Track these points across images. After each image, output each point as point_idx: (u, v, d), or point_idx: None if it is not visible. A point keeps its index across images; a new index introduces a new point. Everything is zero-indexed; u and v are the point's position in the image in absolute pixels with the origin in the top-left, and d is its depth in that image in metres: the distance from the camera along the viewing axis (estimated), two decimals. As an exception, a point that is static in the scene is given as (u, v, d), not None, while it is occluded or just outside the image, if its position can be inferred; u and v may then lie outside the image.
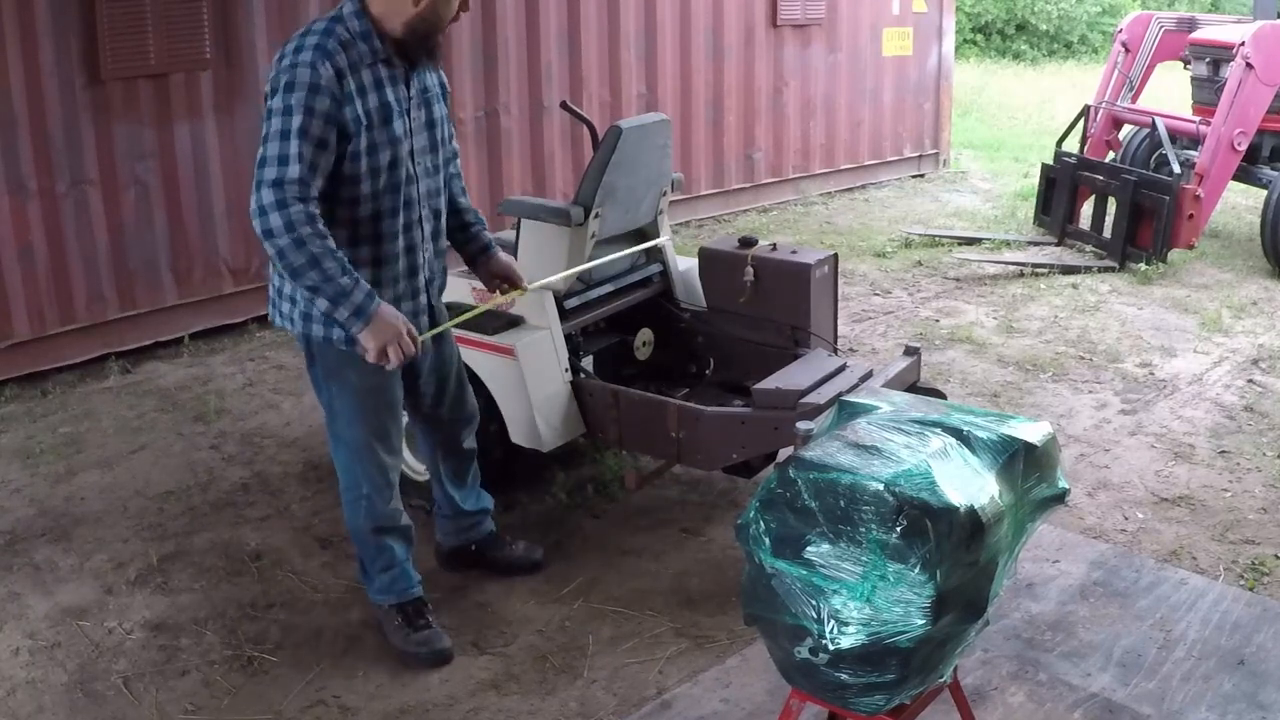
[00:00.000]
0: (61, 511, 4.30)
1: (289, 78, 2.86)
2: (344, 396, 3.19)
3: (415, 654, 3.35)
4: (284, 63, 2.90)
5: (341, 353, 3.11)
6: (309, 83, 2.84)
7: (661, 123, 4.24)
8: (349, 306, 2.90)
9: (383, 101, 2.99)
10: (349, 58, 2.92)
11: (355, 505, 3.32)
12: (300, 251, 2.84)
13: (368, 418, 3.21)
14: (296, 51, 2.90)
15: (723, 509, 4.24)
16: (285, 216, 2.82)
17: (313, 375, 3.26)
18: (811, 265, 4.19)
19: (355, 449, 3.26)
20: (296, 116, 2.84)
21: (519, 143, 7.48)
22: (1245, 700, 3.11)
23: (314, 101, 2.84)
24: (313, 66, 2.85)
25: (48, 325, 5.57)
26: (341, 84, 2.89)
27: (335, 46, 2.90)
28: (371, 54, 2.97)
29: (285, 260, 2.86)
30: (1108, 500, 4.30)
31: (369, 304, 2.93)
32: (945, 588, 2.13)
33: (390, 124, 3.00)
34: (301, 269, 2.86)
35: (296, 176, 2.83)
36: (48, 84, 5.40)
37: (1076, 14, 21.49)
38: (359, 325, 2.93)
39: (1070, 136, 8.33)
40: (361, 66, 2.95)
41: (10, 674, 3.33)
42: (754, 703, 3.12)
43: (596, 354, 4.33)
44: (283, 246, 2.84)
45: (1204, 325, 6.25)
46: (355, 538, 3.41)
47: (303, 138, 2.84)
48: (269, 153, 2.85)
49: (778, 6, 8.92)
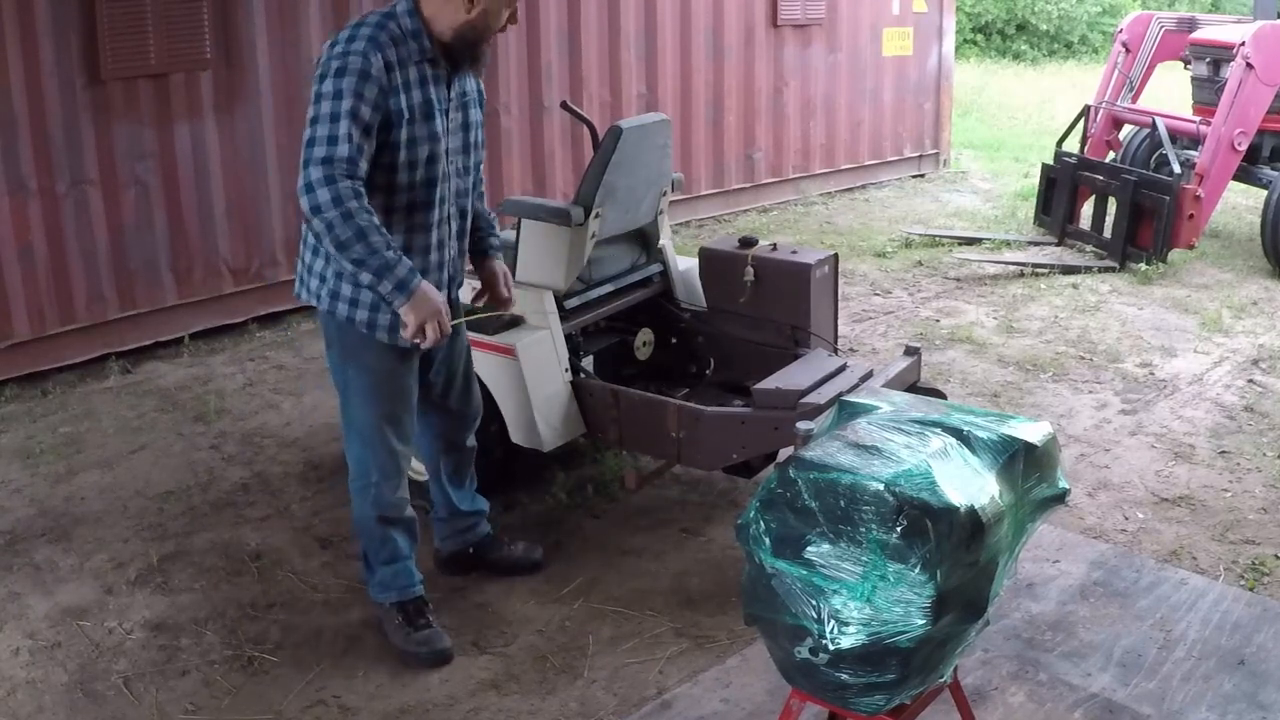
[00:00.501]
0: (61, 511, 4.30)
1: (340, 64, 2.94)
2: (360, 379, 3.25)
3: (415, 654, 3.36)
4: (336, 49, 2.98)
5: (362, 335, 3.18)
6: (360, 69, 2.93)
7: (661, 123, 4.24)
8: (393, 280, 2.95)
9: (425, 99, 3.08)
10: (398, 53, 3.01)
11: (364, 493, 3.35)
12: (348, 225, 2.89)
13: (381, 402, 3.27)
14: (349, 40, 2.99)
15: (723, 509, 4.24)
16: (334, 191, 2.88)
17: (330, 358, 3.33)
18: (812, 265, 4.19)
19: (367, 434, 3.30)
20: (347, 100, 2.91)
21: (519, 143, 7.48)
22: (1245, 700, 3.11)
23: (364, 88, 2.92)
24: (365, 55, 2.94)
25: (48, 325, 5.56)
26: (390, 76, 2.97)
27: (387, 40, 2.99)
28: (419, 52, 3.06)
29: (333, 233, 2.91)
30: (1108, 500, 4.30)
31: (412, 279, 2.98)
32: (945, 588, 2.13)
33: (431, 120, 3.09)
34: (348, 242, 2.91)
35: (345, 155, 2.90)
36: (48, 84, 5.40)
37: (1076, 14, 21.49)
38: (402, 299, 2.98)
39: (1070, 136, 8.33)
40: (409, 63, 3.04)
41: (10, 674, 3.33)
42: (754, 703, 3.12)
43: (596, 354, 4.33)
44: (331, 219, 2.89)
45: (1204, 325, 6.25)
46: (360, 528, 3.43)
47: (352, 120, 2.91)
48: (318, 133, 2.92)
49: (778, 6, 8.92)
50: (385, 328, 3.15)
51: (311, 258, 3.21)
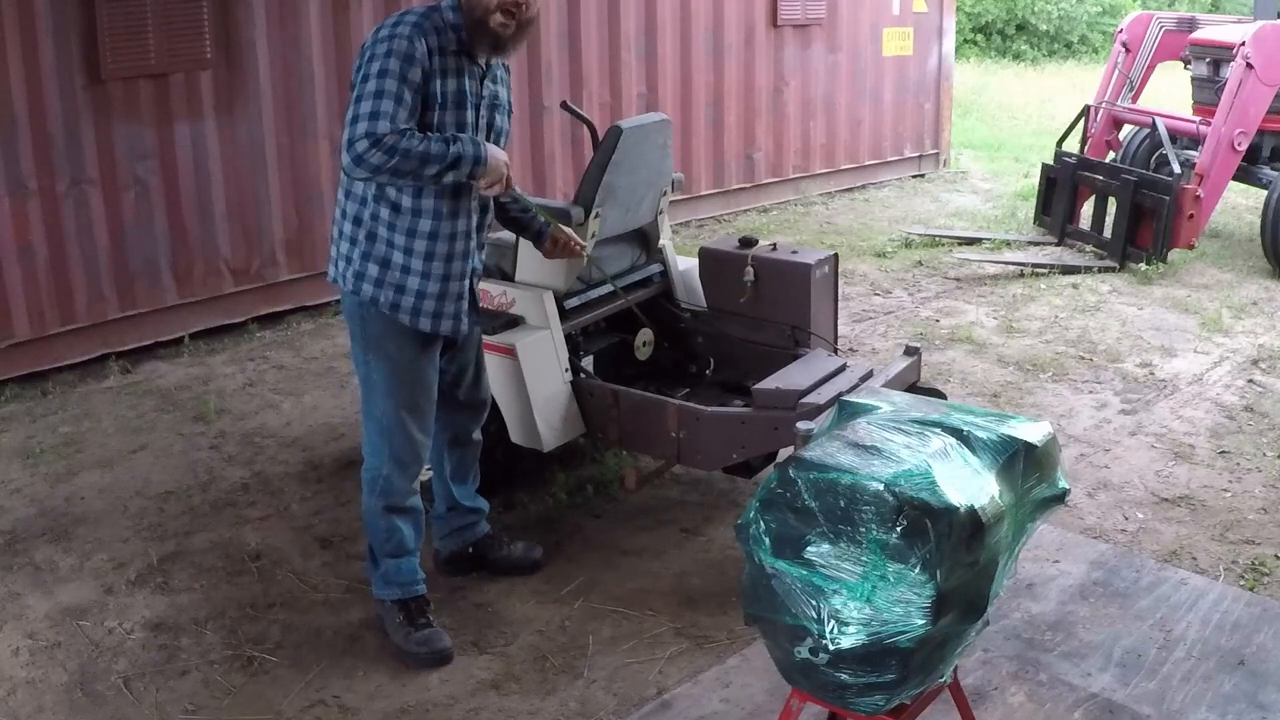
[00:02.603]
0: (61, 511, 4.30)
1: (388, 46, 3.08)
2: (381, 368, 3.32)
3: (416, 653, 3.36)
4: (382, 33, 3.12)
5: (385, 320, 3.26)
6: (405, 52, 3.07)
7: (661, 123, 4.24)
8: (468, 163, 3.11)
9: (459, 89, 3.19)
10: (440, 40, 3.16)
11: (373, 484, 3.39)
12: (409, 159, 3.01)
13: (402, 391, 3.33)
14: (395, 25, 3.12)
15: (723, 509, 4.24)
16: (380, 147, 2.99)
17: (353, 349, 3.41)
18: (812, 265, 4.19)
19: (386, 424, 3.34)
20: (391, 80, 3.05)
21: (519, 143, 7.48)
22: (1245, 700, 3.11)
23: (408, 70, 3.06)
24: (410, 39, 3.08)
25: (48, 325, 5.57)
26: (431, 61, 3.12)
27: (430, 27, 3.15)
28: (458, 43, 3.19)
29: (402, 174, 3.04)
30: (1108, 500, 4.30)
31: (480, 150, 3.13)
32: (945, 588, 2.13)
33: (462, 109, 3.21)
34: (419, 168, 3.04)
35: (388, 129, 3.01)
36: (48, 84, 5.40)
37: (1076, 14, 21.49)
38: (480, 169, 3.14)
39: (1070, 136, 8.33)
40: (448, 52, 3.17)
41: (10, 674, 3.33)
42: (754, 703, 3.12)
43: (596, 354, 4.33)
44: (394, 166, 3.01)
45: (1204, 325, 6.25)
46: (367, 520, 3.45)
47: (396, 99, 3.04)
48: (362, 110, 3.02)
49: (778, 6, 8.91)
50: (409, 311, 3.24)
51: (339, 238, 3.32)
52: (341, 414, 5.11)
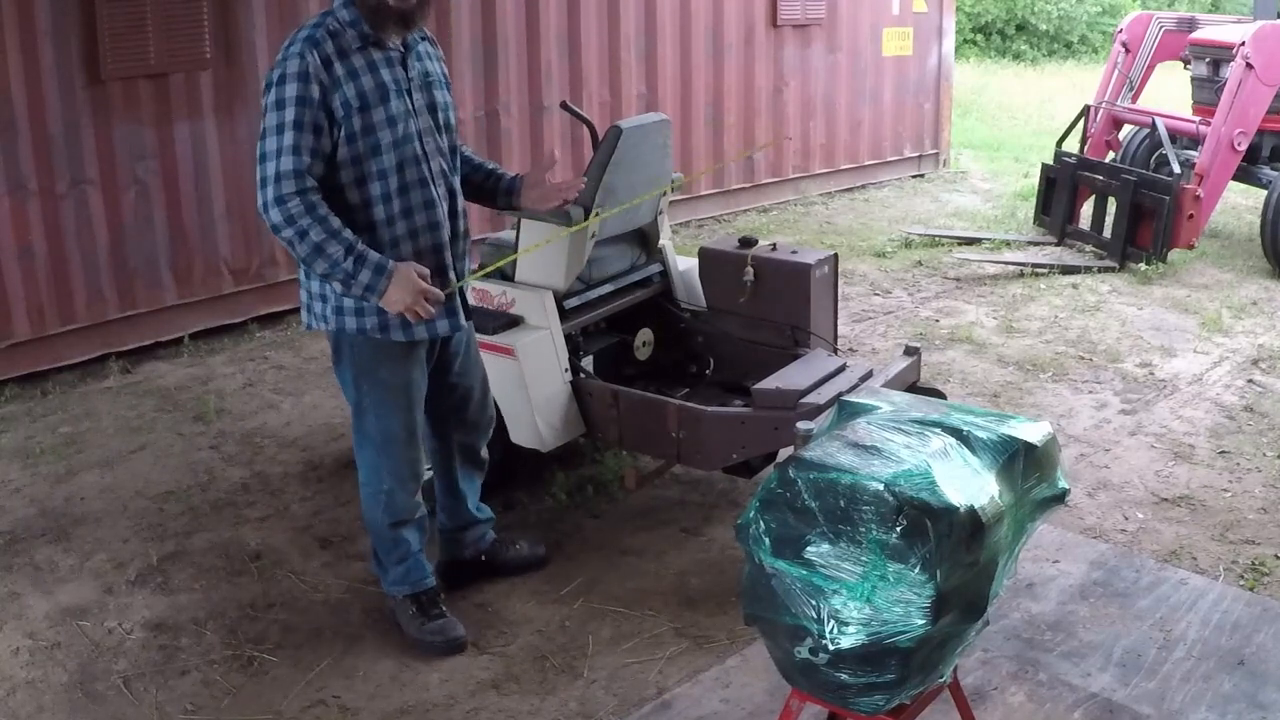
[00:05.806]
0: (61, 511, 4.30)
1: (280, 71, 3.03)
2: (375, 393, 3.27)
3: (430, 643, 3.38)
4: (277, 58, 3.07)
5: (376, 345, 3.20)
6: (297, 72, 3.00)
7: (661, 123, 4.24)
8: (359, 287, 3.03)
9: (378, 83, 3.10)
10: (337, 45, 3.06)
11: (374, 499, 3.36)
12: (305, 243, 2.98)
13: (399, 414, 3.29)
14: (287, 47, 3.06)
15: (723, 509, 4.24)
16: (284, 212, 2.97)
17: (340, 374, 3.34)
18: (811, 265, 4.19)
19: (382, 445, 3.31)
20: (288, 109, 2.99)
21: (519, 143, 7.48)
22: (1245, 700, 3.12)
23: (303, 90, 2.99)
24: (300, 56, 3.01)
25: (48, 325, 5.57)
26: (329, 70, 3.03)
27: (323, 35, 3.05)
28: (360, 39, 3.09)
29: (295, 252, 3.03)
30: (1108, 500, 4.30)
31: (378, 280, 3.02)
32: (945, 588, 2.13)
33: (388, 103, 3.11)
34: (310, 258, 3.01)
35: (290, 169, 2.97)
36: (48, 84, 5.40)
37: (1076, 14, 21.48)
38: (375, 299, 3.06)
39: (1070, 136, 8.33)
40: (351, 52, 3.08)
41: (10, 674, 3.33)
42: (754, 703, 3.12)
43: (596, 354, 4.33)
44: (289, 238, 3.00)
45: (1204, 325, 6.25)
46: (372, 531, 3.44)
47: (296, 129, 2.98)
48: (266, 148, 3.00)
49: (778, 6, 8.91)
50: (398, 325, 3.17)
51: (307, 279, 3.24)
52: (341, 414, 5.10)
